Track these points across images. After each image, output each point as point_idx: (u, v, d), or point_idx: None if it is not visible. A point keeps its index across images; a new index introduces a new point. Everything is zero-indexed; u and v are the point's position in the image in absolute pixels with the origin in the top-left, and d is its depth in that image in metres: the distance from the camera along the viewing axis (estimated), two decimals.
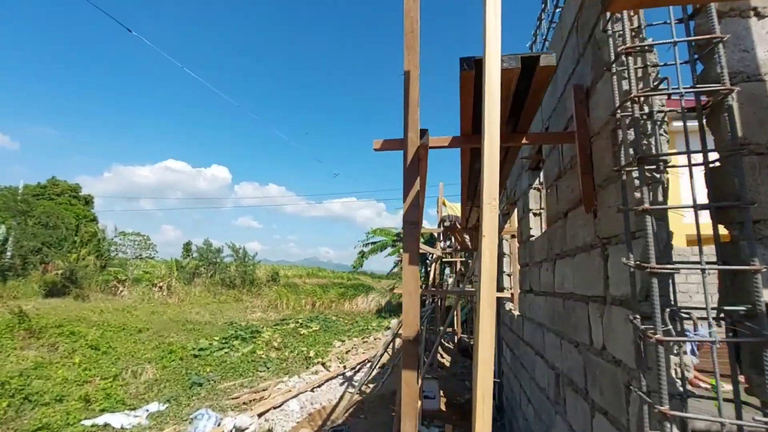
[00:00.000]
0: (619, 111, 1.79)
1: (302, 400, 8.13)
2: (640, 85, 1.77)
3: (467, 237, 9.11)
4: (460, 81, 2.28)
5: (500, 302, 7.52)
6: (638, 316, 1.63)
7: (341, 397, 8.25)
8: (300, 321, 16.35)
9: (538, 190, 4.70)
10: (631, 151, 1.75)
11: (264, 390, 8.70)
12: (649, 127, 1.72)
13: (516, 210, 6.08)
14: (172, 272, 21.61)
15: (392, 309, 20.97)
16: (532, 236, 4.52)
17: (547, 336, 3.67)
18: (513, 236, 6.76)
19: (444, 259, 12.72)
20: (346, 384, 8.93)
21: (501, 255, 7.72)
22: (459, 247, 10.60)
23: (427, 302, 11.55)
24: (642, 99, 1.72)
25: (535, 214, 4.65)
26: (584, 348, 2.49)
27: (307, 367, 10.60)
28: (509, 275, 7.52)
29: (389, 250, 24.57)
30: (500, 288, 7.82)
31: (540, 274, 3.96)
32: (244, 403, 8.05)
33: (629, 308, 1.75)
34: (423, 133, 2.62)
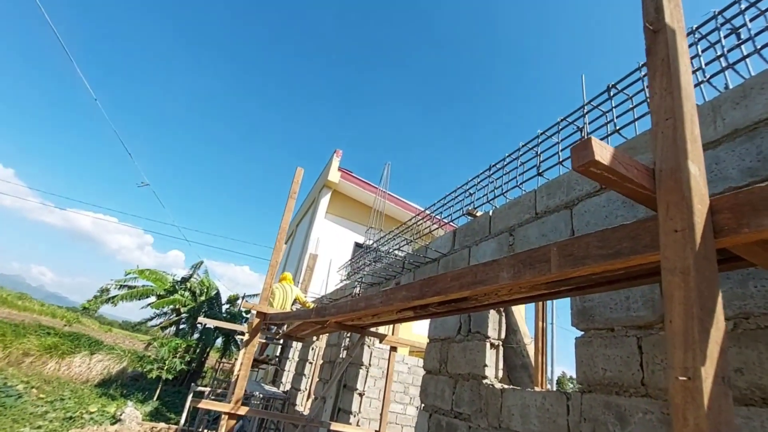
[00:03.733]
0: None
1: None
2: None
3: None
4: None
5: None
6: None
7: None
8: None
9: None
10: None
11: None
12: None
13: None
14: None
15: (128, 384, 15.16)
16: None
17: None
18: (393, 348, 5.18)
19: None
20: None
21: (357, 365, 5.94)
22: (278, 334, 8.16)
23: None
24: None
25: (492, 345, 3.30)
26: None
27: None
28: (361, 395, 5.73)
29: (152, 299, 18.97)
30: (343, 413, 5.86)
31: None
32: None
33: None
34: None
